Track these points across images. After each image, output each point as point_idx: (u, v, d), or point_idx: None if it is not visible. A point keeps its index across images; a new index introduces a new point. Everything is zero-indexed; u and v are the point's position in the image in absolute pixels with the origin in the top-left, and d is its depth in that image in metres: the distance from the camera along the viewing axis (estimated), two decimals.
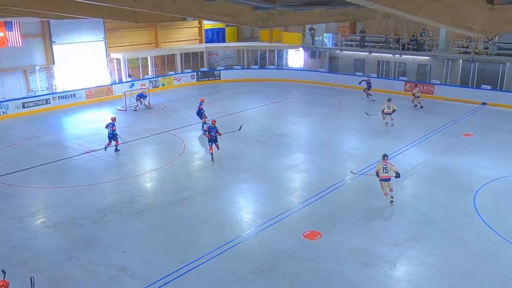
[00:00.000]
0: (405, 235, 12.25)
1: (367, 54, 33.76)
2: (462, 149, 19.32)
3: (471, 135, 21.36)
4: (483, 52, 28.87)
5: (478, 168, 16.97)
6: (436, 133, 21.66)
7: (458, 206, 13.96)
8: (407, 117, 24.87)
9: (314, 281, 10.31)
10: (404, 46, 32.00)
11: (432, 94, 29.38)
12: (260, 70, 36.86)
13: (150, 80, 32.22)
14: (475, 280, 10.25)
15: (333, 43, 36.14)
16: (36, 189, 15.77)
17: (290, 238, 12.11)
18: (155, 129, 22.37)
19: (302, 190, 15.53)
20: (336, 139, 21.34)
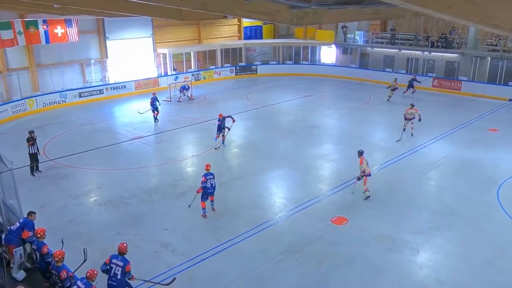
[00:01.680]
0: (429, 224, 12.08)
1: (397, 51, 32.98)
2: (487, 143, 18.71)
3: (497, 130, 20.66)
4: (510, 49, 27.76)
5: (502, 162, 16.44)
6: (462, 128, 21.06)
7: (481, 198, 13.60)
8: (434, 112, 24.21)
9: (340, 263, 10.31)
10: (433, 43, 31.07)
11: (459, 90, 28.56)
12: (294, 65, 36.66)
13: (193, 74, 32.61)
14: (495, 269, 10.02)
15: (364, 41, 35.48)
16: (90, 170, 16.34)
17: (318, 223, 12.12)
18: (196, 118, 22.69)
19: (331, 178, 15.47)
20: (364, 131, 21.04)
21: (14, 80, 25.37)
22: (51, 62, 27.16)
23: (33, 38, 23.76)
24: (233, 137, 20.03)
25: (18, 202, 10.21)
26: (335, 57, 36.97)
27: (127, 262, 7.91)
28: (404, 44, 32.82)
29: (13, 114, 23.74)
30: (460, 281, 9.60)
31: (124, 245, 8.17)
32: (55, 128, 21.64)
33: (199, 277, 9.77)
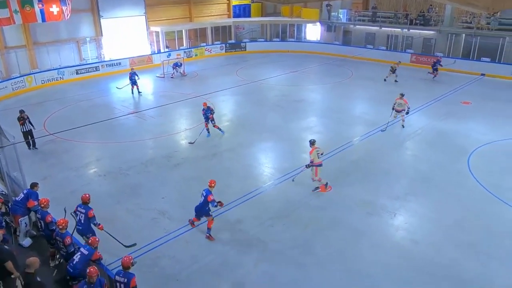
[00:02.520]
0: (405, 190, 12.31)
1: (378, 29, 32.76)
2: (460, 115, 18.92)
3: (469, 103, 20.86)
4: (485, 27, 27.74)
5: (473, 133, 16.68)
6: (437, 101, 21.23)
7: (453, 166, 13.85)
8: (411, 86, 24.28)
9: (324, 227, 10.54)
10: (412, 21, 30.88)
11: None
12: (281, 43, 36.26)
13: (185, 51, 32.07)
14: (464, 230, 10.33)
15: (347, 18, 35.12)
16: (89, 143, 16.21)
17: (304, 190, 12.27)
18: (189, 94, 22.45)
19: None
20: (347, 105, 21.12)
21: (12, 57, 24.71)
22: (48, 40, 26.39)
23: (29, 17, 22.97)
24: (223, 111, 19.97)
25: (21, 174, 10.15)
26: (320, 34, 36.62)
27: (89, 209, 8.65)
28: (384, 21, 32.58)
29: (13, 91, 23.22)
30: (433, 241, 9.86)
31: (86, 196, 8.88)
32: (54, 104, 21.28)
33: (194, 241, 9.92)
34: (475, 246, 9.69)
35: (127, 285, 6.58)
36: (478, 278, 8.65)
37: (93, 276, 6.35)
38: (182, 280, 8.65)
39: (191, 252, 9.54)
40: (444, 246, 9.70)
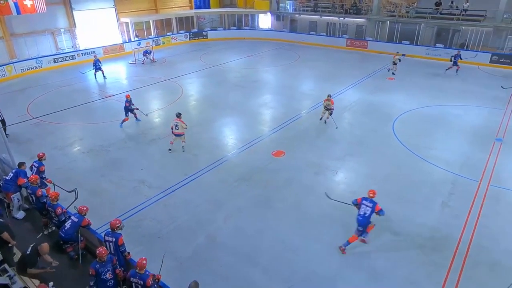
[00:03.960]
0: (344, 152, 12.69)
1: (319, 18, 32.72)
2: (386, 89, 19.55)
3: (393, 78, 21.55)
4: (404, 15, 28.43)
5: (397, 103, 17.33)
6: (368, 77, 21.78)
7: (382, 130, 14.38)
8: (347, 66, 24.76)
9: (280, 185, 10.74)
10: (347, 11, 31.04)
11: (366, 48, 29.15)
12: (238, 31, 35.44)
13: (153, 39, 30.62)
14: (392, 182, 10.88)
15: (293, 9, 34.71)
16: (71, 125, 15.38)
17: (262, 156, 12.40)
18: (159, 77, 21.73)
19: (271, 121, 15.60)
20: (296, 83, 21.21)
21: None
22: (24, 32, 24.22)
23: (4, 10, 20.95)
24: (191, 92, 19.52)
25: (10, 155, 9.58)
26: (271, 23, 36.08)
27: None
28: (324, 11, 32.55)
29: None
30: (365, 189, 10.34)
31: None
32: (35, 91, 19.86)
33: (171, 204, 9.86)
34: (400, 194, 10.24)
35: (116, 243, 6.49)
36: (404, 218, 9.21)
37: (104, 256, 5.96)
38: (163, 237, 8.63)
39: (169, 213, 9.49)
40: (377, 195, 10.20)
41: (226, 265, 7.82)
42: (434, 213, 9.43)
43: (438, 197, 10.06)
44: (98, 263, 5.92)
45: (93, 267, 5.91)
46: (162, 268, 6.23)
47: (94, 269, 5.89)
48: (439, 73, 22.36)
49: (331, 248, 8.27)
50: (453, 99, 17.81)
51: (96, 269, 5.88)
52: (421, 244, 8.37)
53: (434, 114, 15.97)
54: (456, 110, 16.46)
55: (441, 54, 25.76)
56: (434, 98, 17.88)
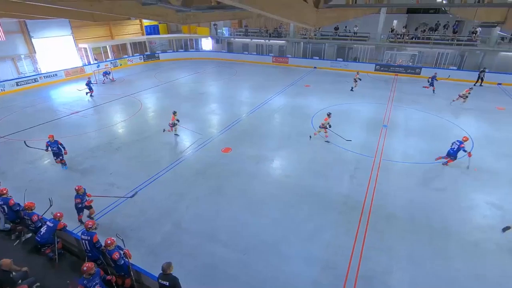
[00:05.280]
0: (277, 144, 12.93)
1: (250, 40, 33.00)
2: (304, 94, 20.29)
3: (309, 85, 22.49)
4: (313, 37, 29.79)
5: (312, 104, 18.06)
6: (290, 86, 22.47)
7: (303, 126, 14.85)
8: (273, 78, 25.33)
9: (230, 175, 10.69)
10: (270, 35, 31.73)
11: (287, 63, 30.01)
12: (185, 52, 34.30)
13: (111, 62, 28.38)
14: (315, 164, 11.30)
15: (228, 34, 34.57)
16: (40, 141, 13.74)
17: (214, 153, 12.22)
18: (119, 94, 20.30)
19: (218, 125, 15.37)
20: (235, 93, 21.18)
21: None
22: None
23: None
24: (149, 105, 18.51)
25: None
26: (212, 45, 35.56)
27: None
28: (253, 35, 32.88)
29: None
30: (298, 174, 10.69)
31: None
32: (0, 112, 17.37)
33: (140, 201, 9.31)
34: (321, 172, 10.76)
35: (90, 241, 5.98)
36: (324, 190, 9.72)
37: (90, 270, 5.04)
38: (135, 229, 8.13)
39: (139, 208, 8.96)
40: (304, 175, 10.59)
41: (191, 245, 7.61)
42: (346, 184, 10.09)
43: (347, 172, 10.77)
44: (85, 279, 5.06)
45: (81, 283, 5.04)
46: (125, 244, 5.94)
47: (82, 285, 5.02)
48: (341, 80, 23.83)
49: (276, 220, 8.47)
50: (352, 99, 19.09)
51: (84, 284, 5.03)
52: (339, 209, 8.92)
53: (340, 110, 16.94)
54: (355, 106, 17.69)
55: (341, 66, 27.50)
56: (339, 99, 18.99)
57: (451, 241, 7.70)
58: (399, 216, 8.57)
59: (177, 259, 6.91)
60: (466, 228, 8.11)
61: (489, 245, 7.59)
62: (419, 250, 7.44)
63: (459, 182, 10.11)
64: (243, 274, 6.82)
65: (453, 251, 7.40)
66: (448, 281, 6.65)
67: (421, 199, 9.28)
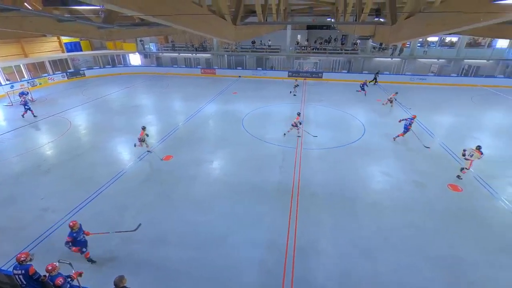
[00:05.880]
0: (214, 147, 12.77)
1: (178, 54, 31.78)
2: (233, 101, 20.42)
3: (236, 93, 22.82)
4: (235, 50, 30.33)
5: (242, 109, 18.33)
6: (220, 94, 22.47)
7: (236, 128, 14.98)
8: (203, 88, 24.98)
9: (174, 181, 10.19)
10: (197, 49, 31.14)
11: (215, 74, 29.87)
12: (113, 68, 31.05)
13: (28, 81, 23.92)
14: (250, 159, 11.50)
15: (156, 49, 32.66)
16: None
17: (156, 162, 11.47)
18: (43, 114, 17.31)
19: (157, 135, 14.38)
20: (169, 104, 20.19)
21: None
22: None
23: None
24: (79, 122, 16.24)
25: None
26: (140, 60, 33.09)
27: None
28: (180, 50, 31.77)
29: None
30: (235, 171, 10.76)
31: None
32: None
33: (81, 220, 8.16)
34: (256, 166, 11.02)
35: (25, 274, 5.01)
36: (260, 182, 10.02)
37: None
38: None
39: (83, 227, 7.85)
40: (241, 171, 10.73)
41: (143, 252, 7.05)
42: (277, 173, 10.60)
43: (277, 163, 11.31)
44: None
45: None
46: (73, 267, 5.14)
47: None
48: (263, 87, 24.87)
49: (221, 215, 8.43)
50: (273, 101, 20.11)
51: None
52: (274, 195, 9.36)
53: (264, 112, 17.64)
54: (275, 108, 18.63)
55: (261, 74, 28.73)
56: (262, 102, 19.76)
57: (358, 205, 8.87)
58: (320, 193, 9.45)
59: (130, 270, 6.33)
60: (367, 193, 9.44)
61: (385, 202, 8.99)
62: (337, 217, 8.36)
63: (358, 159, 11.66)
64: (195, 269, 6.64)
65: (360, 212, 8.54)
66: (360, 237, 7.66)
67: (334, 176, 10.40)
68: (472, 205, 8.81)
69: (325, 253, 7.13)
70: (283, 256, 7.03)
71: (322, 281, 6.43)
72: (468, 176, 10.36)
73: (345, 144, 12.93)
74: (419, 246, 7.32)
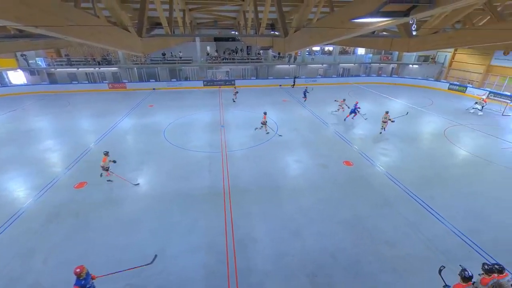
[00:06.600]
0: (138, 162, 11.51)
1: (77, 69, 27.09)
2: (151, 113, 18.95)
3: (153, 105, 21.19)
4: (144, 62, 28.13)
5: (161, 120, 17.22)
6: (135, 108, 20.42)
7: (158, 140, 13.92)
8: (115, 103, 22.15)
9: (93, 208, 8.73)
10: (99, 62, 27.29)
11: (126, 88, 26.96)
12: None
13: None
14: (177, 169, 10.78)
15: (46, 64, 26.91)
16: None
17: (65, 192, 9.53)
18: None
19: (62, 161, 11.91)
20: (75, 124, 16.99)
21: None
22: None
23: None
24: None
25: None
26: (26, 78, 26.64)
27: None
28: (79, 64, 27.18)
29: None
30: (163, 183, 9.91)
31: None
32: None
33: None
34: (184, 175, 10.48)
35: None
36: (189, 189, 9.54)
37: None
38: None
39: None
40: (169, 182, 10.04)
41: None
42: (206, 178, 10.39)
43: (205, 168, 11.09)
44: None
45: None
46: None
47: None
48: (181, 97, 23.87)
49: (154, 230, 7.69)
50: (192, 110, 19.49)
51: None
52: (206, 199, 9.14)
53: (185, 121, 17.00)
54: (196, 116, 18.22)
55: (176, 85, 27.54)
56: (181, 112, 18.94)
57: (282, 192, 9.61)
58: (249, 188, 9.79)
59: None
60: (286, 180, 10.33)
61: (301, 185, 10.01)
62: (266, 206, 8.85)
63: (276, 153, 12.61)
64: None
65: (284, 198, 9.28)
66: (287, 219, 8.32)
67: (259, 171, 10.95)
68: (361, 174, 10.79)
69: (261, 241, 7.45)
70: (224, 253, 6.97)
71: (262, 266, 6.70)
72: (355, 153, 12.63)
73: (264, 142, 13.77)
74: (331, 214, 8.50)
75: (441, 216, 8.35)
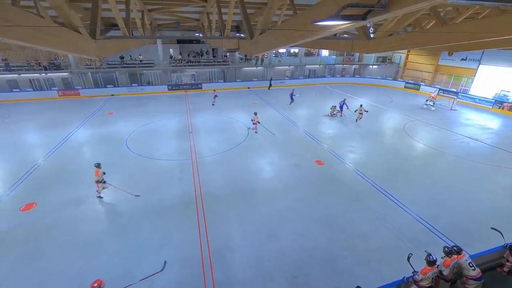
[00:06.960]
0: (107, 170, 10.68)
1: (18, 76, 24.29)
2: (110, 122, 17.73)
3: (112, 112, 19.88)
4: (100, 66, 26.30)
5: (122, 129, 16.23)
6: (91, 117, 18.93)
7: (120, 150, 13.08)
8: (67, 112, 20.34)
9: (46, 232, 7.83)
10: (46, 67, 24.81)
11: (79, 95, 24.80)
12: None
13: None
14: (143, 180, 10.23)
15: None
16: None
17: (9, 217, 8.41)
18: None
19: (6, 181, 10.49)
20: (18, 138, 15.08)
21: None
22: None
23: None
24: None
25: None
26: None
27: None
28: (20, 70, 24.39)
29: None
30: (128, 198, 9.32)
31: None
32: None
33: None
34: (151, 186, 9.89)
35: None
36: (159, 201, 9.08)
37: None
38: None
39: None
40: (135, 197, 9.52)
41: None
42: (177, 188, 9.96)
43: (175, 177, 10.65)
44: None
45: None
46: None
47: None
48: (144, 103, 22.73)
49: (119, 252, 7.12)
50: (157, 116, 18.71)
51: None
52: (178, 209, 8.74)
53: (150, 128, 16.23)
54: (162, 122, 17.50)
55: (138, 90, 26.16)
56: (147, 119, 18.06)
57: (257, 195, 9.58)
58: (223, 194, 9.60)
59: None
60: (261, 183, 10.34)
61: (276, 187, 10.08)
62: (242, 212, 8.73)
63: (248, 156, 12.59)
64: None
65: (260, 201, 9.26)
66: (263, 222, 8.28)
67: (231, 176, 10.80)
68: (332, 172, 11.24)
69: (238, 248, 7.31)
70: (199, 266, 6.70)
71: (241, 274, 6.57)
72: (326, 152, 13.13)
73: (235, 146, 13.65)
74: (306, 213, 8.69)
75: (405, 206, 9.01)
